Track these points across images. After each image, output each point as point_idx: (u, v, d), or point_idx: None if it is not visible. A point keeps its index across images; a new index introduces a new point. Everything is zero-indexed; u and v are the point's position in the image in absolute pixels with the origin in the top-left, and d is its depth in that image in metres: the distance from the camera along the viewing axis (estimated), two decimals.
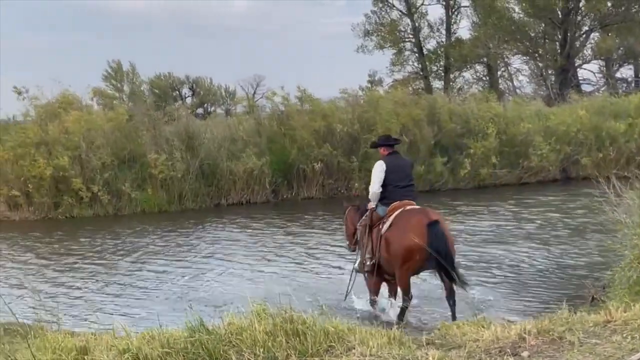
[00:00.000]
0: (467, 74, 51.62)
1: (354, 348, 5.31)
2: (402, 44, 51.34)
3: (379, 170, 10.13)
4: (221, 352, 5.22)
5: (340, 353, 5.23)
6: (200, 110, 60.80)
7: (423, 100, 28.84)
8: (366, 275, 10.25)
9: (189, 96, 66.25)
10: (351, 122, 26.56)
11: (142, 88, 62.95)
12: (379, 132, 25.87)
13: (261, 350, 5.20)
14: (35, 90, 25.97)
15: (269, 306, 5.95)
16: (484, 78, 50.65)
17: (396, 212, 9.78)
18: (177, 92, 65.98)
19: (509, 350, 5.32)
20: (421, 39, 50.76)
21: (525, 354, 5.21)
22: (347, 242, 11.42)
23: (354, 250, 11.14)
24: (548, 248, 14.75)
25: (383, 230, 9.80)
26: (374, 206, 10.17)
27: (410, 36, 51.07)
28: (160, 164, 23.90)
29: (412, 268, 9.41)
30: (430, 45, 51.27)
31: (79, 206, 23.52)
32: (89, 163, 23.74)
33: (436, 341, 5.88)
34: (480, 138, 26.70)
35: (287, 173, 25.73)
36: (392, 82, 49.20)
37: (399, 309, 9.56)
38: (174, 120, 27.62)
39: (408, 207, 9.82)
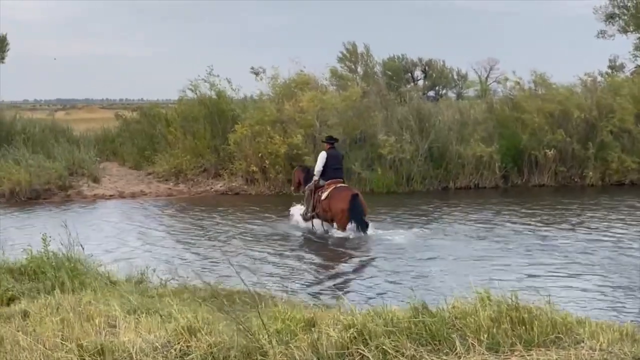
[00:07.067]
0: None
1: (583, 342, 5.12)
2: None
3: (322, 158, 16.92)
4: (444, 334, 5.21)
5: (568, 345, 5.06)
6: (431, 93, 60.72)
7: None
8: (307, 219, 17.03)
9: (421, 78, 66.37)
10: (589, 108, 25.55)
11: (375, 69, 63.72)
12: (615, 120, 24.89)
13: (485, 336, 5.13)
14: (271, 70, 27.23)
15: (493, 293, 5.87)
16: None
17: (332, 187, 16.48)
18: (410, 74, 66.23)
19: None
20: None
21: None
22: (293, 188, 18.79)
23: (296, 193, 18.47)
24: None
25: (322, 197, 16.45)
26: (317, 179, 16.81)
27: None
28: (389, 145, 24.13)
29: (344, 219, 15.93)
30: None
31: None
32: (321, 142, 24.35)
33: None
34: None
35: (517, 159, 25.21)
36: (635, 67, 46.46)
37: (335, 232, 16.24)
38: (405, 102, 27.78)
39: (339, 185, 16.66)
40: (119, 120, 33.83)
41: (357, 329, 5.37)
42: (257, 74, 27.44)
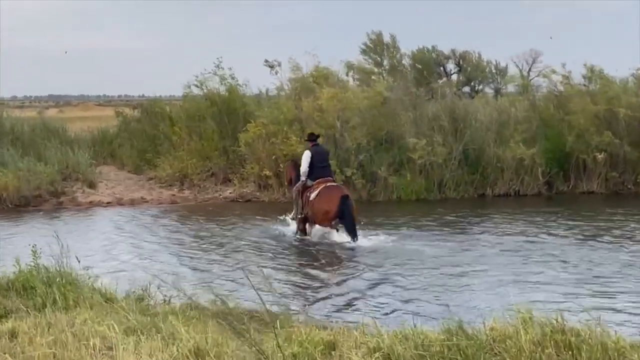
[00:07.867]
0: None
1: None
2: None
3: (306, 157, 17.55)
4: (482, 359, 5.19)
5: None
6: (466, 89, 60.43)
7: None
8: (297, 221, 17.84)
9: (454, 72, 66.10)
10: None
11: (403, 62, 63.42)
12: None
13: None
14: (288, 63, 27.17)
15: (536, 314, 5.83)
16: None
17: (321, 187, 17.14)
18: (442, 67, 65.97)
19: None
20: None
21: None
22: (286, 183, 19.63)
23: (289, 187, 19.28)
24: None
25: (311, 197, 17.14)
26: (304, 179, 17.52)
27: None
28: (419, 148, 24.04)
29: (326, 219, 16.89)
30: None
31: None
32: (343, 144, 24.31)
33: None
34: None
35: (563, 162, 25.04)
36: None
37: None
38: (437, 99, 27.68)
39: (329, 184, 17.31)
40: (119, 117, 33.86)
41: (383, 352, 5.35)
42: (272, 67, 27.16)
